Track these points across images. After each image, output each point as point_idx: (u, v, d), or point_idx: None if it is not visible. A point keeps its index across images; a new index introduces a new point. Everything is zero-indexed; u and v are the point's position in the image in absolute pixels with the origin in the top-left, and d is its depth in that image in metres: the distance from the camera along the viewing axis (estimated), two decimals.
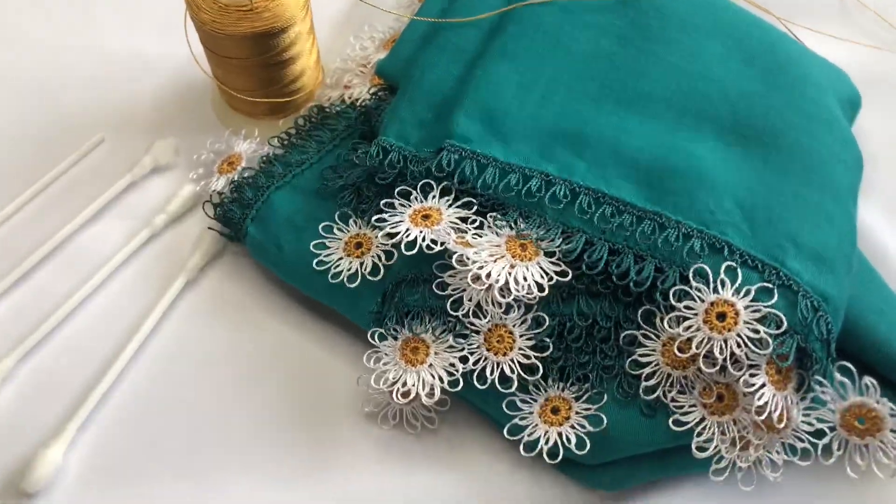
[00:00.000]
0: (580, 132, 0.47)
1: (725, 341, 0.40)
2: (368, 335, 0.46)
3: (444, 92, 0.50)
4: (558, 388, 0.45)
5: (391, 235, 0.45)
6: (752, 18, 0.54)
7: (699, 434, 0.42)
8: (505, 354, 0.44)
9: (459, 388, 0.44)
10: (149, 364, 0.49)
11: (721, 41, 0.52)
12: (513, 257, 0.43)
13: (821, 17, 0.63)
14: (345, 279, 0.47)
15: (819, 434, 0.41)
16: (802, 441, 0.41)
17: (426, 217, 0.45)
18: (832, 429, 0.41)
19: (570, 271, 0.43)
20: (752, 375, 0.40)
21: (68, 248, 0.53)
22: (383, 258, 0.48)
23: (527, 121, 0.48)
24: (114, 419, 0.48)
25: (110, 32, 0.63)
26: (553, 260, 0.44)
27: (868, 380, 0.41)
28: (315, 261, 0.48)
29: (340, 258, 0.48)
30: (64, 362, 0.49)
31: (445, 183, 0.46)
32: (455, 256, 0.44)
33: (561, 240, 0.44)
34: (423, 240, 0.44)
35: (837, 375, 0.42)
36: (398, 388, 0.44)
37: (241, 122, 0.57)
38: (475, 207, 0.46)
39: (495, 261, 0.43)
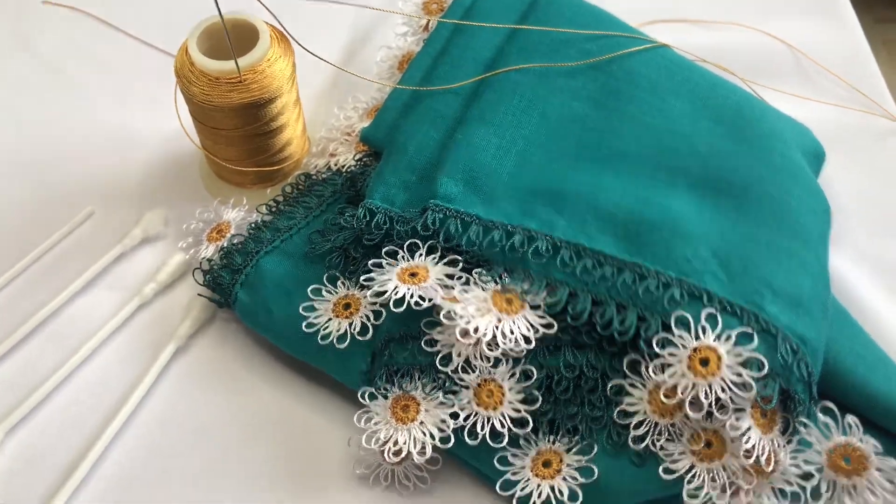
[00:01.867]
0: (559, 190, 0.49)
1: (710, 386, 0.41)
2: (359, 395, 0.46)
3: (427, 155, 0.52)
4: (549, 440, 0.45)
5: (379, 294, 0.46)
6: (718, 79, 0.57)
7: (689, 481, 0.42)
8: (495, 409, 0.45)
9: (451, 444, 0.45)
10: (139, 433, 0.49)
11: (689, 101, 0.54)
12: (499, 311, 0.44)
13: (781, 78, 0.66)
14: (334, 340, 0.48)
15: (807, 477, 0.42)
16: (791, 484, 0.42)
17: (413, 275, 0.46)
18: (820, 470, 0.42)
19: (555, 324, 0.44)
20: (737, 419, 0.41)
21: (58, 319, 0.53)
22: (372, 318, 0.48)
23: (507, 180, 0.50)
24: (105, 490, 0.47)
25: (100, 107, 0.65)
26: (538, 313, 0.45)
27: (851, 418, 0.42)
28: (304, 323, 0.49)
29: (329, 319, 0.49)
30: (53, 434, 0.49)
31: (431, 241, 0.47)
32: (443, 312, 0.44)
33: (545, 293, 0.45)
34: (412, 296, 0.45)
35: (821, 416, 0.42)
36: (389, 447, 0.44)
37: (229, 191, 0.59)
38: (461, 264, 0.47)
39: (482, 315, 0.44)
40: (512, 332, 0.44)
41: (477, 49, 0.56)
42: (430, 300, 0.45)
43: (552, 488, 0.43)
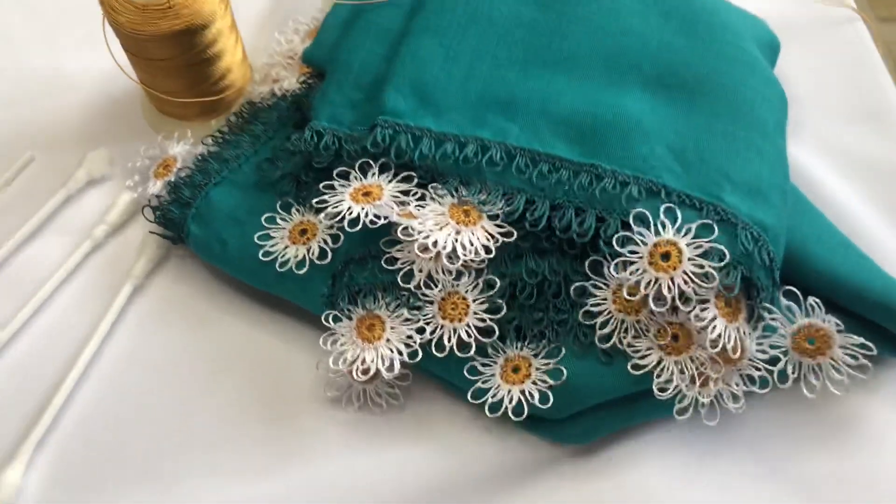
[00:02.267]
0: (510, 97, 0.48)
1: (672, 279, 0.41)
2: (322, 318, 0.45)
3: (372, 72, 0.50)
4: (516, 347, 0.45)
5: (333, 215, 0.44)
6: None
7: (658, 375, 0.42)
8: (460, 320, 0.44)
9: (419, 359, 0.44)
10: (103, 375, 0.48)
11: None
12: (457, 223, 0.44)
13: None
14: (293, 266, 0.47)
15: (774, 361, 0.42)
16: (759, 369, 0.42)
17: (367, 194, 0.45)
18: (785, 353, 0.42)
19: (514, 231, 0.44)
20: (702, 310, 0.41)
21: (9, 268, 0.52)
22: (330, 242, 0.47)
23: (457, 91, 0.48)
24: (72, 435, 0.46)
25: (29, 51, 0.62)
26: (497, 222, 0.44)
27: (812, 300, 0.42)
28: (261, 252, 0.48)
29: (286, 247, 0.48)
30: (15, 383, 0.48)
31: (383, 159, 0.46)
32: (400, 228, 0.44)
33: (503, 202, 0.44)
34: (366, 215, 0.44)
35: (784, 300, 0.42)
36: (358, 367, 0.44)
37: (173, 125, 0.57)
38: (415, 180, 0.46)
39: (440, 229, 0.43)
40: (471, 244, 0.43)
41: None
42: (385, 218, 0.44)
43: (523, 392, 0.43)
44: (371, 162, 0.46)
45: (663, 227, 0.42)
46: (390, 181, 0.46)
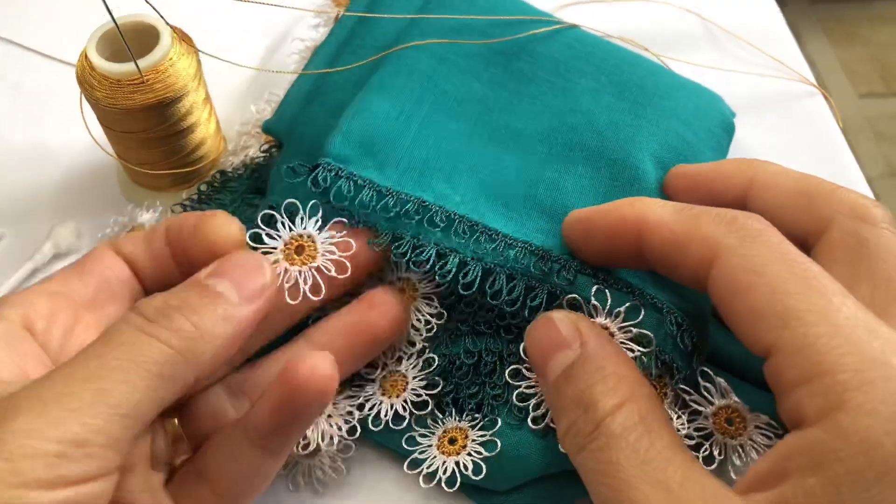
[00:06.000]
0: (453, 168, 0.48)
1: None
2: None
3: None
4: (455, 419, 0.46)
5: None
6: (626, 54, 0.57)
7: None
8: (398, 396, 0.45)
9: (357, 435, 0.45)
10: None
11: (593, 78, 0.54)
12: None
13: (694, 50, 0.67)
14: None
15: (699, 446, 0.43)
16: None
17: (300, 250, 0.44)
18: (709, 435, 0.42)
19: (445, 313, 0.46)
20: None
21: None
22: None
23: (401, 153, 0.48)
24: None
25: (13, 128, 0.64)
26: (433, 303, 0.46)
27: (723, 382, 0.42)
28: None
29: None
30: None
31: (313, 201, 0.45)
32: None
33: (436, 262, 0.44)
34: (305, 282, 0.43)
35: (701, 381, 0.43)
36: (299, 442, 0.45)
37: (147, 196, 0.59)
38: (344, 231, 0.45)
39: None
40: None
41: (378, 37, 0.56)
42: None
43: (457, 464, 0.44)
44: (297, 203, 0.44)
45: (595, 311, 0.43)
46: (320, 230, 0.45)
